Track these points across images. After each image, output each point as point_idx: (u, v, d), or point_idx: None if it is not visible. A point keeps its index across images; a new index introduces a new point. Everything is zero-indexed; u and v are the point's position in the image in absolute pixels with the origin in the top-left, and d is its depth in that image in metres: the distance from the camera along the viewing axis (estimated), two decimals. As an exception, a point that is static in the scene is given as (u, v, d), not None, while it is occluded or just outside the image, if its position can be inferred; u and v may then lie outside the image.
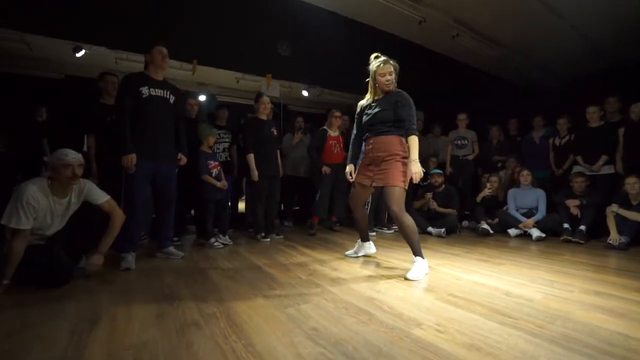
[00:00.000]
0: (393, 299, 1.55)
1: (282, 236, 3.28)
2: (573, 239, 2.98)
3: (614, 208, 2.94)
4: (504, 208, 3.59)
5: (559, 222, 3.21)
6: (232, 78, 4.43)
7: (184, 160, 2.40)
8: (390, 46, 2.75)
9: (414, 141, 2.03)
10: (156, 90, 2.21)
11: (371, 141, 2.15)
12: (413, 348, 1.08)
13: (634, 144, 3.26)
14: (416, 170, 1.98)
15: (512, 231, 3.37)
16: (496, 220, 3.60)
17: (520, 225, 3.32)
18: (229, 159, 3.52)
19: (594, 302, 1.51)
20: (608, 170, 3.47)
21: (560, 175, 3.89)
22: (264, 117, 3.10)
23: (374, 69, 2.10)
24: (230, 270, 2.05)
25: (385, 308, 1.43)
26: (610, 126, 3.52)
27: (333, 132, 3.63)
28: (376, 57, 2.13)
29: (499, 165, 4.44)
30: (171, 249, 2.41)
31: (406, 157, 2.05)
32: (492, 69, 5.63)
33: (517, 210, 3.47)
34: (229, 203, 3.56)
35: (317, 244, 2.96)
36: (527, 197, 3.47)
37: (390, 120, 2.08)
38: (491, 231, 3.43)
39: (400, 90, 2.12)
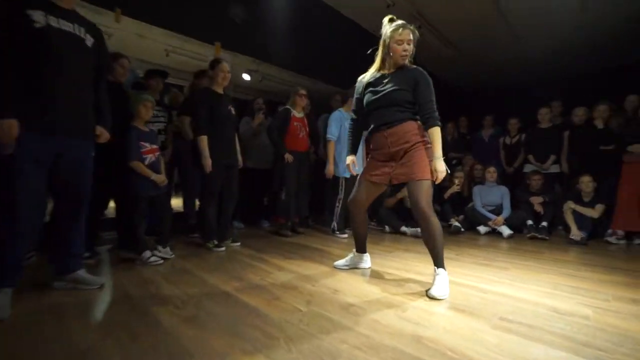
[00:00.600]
0: (444, 334, 1.13)
1: (239, 243, 2.61)
2: (539, 236, 3.04)
3: (571, 205, 3.09)
4: (469, 205, 3.54)
5: (523, 219, 3.27)
6: (161, 49, 3.36)
7: (105, 135, 1.58)
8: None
9: (437, 134, 1.62)
10: (60, 21, 1.36)
11: (385, 134, 1.70)
12: None
13: (577, 146, 3.52)
14: (441, 169, 1.60)
15: (482, 228, 3.33)
16: (461, 216, 3.55)
17: (491, 223, 3.29)
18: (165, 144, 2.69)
19: (647, 314, 1.33)
20: (555, 169, 3.71)
21: (511, 172, 4.08)
22: (220, 91, 2.38)
23: (389, 34, 1.64)
24: (188, 306, 1.35)
25: (446, 352, 1.00)
26: (556, 128, 3.77)
27: (297, 113, 3.07)
28: (391, 20, 1.69)
29: (454, 162, 4.47)
30: (81, 272, 1.57)
31: (429, 142, 1.67)
32: (445, 68, 5.75)
33: (482, 206, 3.45)
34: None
35: (288, 252, 2.39)
36: (492, 194, 3.47)
37: (405, 103, 1.66)
38: (462, 229, 3.34)
39: (416, 66, 1.71)
